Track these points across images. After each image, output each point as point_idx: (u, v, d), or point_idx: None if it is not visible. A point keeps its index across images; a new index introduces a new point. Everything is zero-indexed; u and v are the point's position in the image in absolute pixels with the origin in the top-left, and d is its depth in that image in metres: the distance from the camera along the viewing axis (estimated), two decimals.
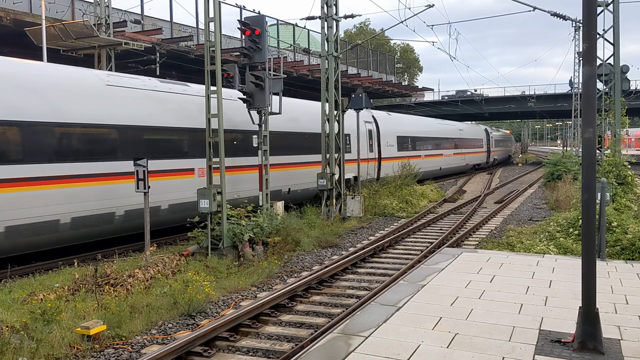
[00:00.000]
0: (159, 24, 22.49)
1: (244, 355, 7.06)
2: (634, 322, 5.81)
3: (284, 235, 13.48)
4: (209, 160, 12.57)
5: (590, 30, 5.27)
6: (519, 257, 9.35)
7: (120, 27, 19.34)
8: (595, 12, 5.45)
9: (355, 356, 4.98)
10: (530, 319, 5.93)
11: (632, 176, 16.59)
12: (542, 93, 52.05)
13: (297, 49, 29.59)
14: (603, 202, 9.53)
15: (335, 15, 18.23)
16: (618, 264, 8.73)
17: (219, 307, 9.13)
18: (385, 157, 26.51)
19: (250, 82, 13.88)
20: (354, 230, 16.56)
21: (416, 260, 11.74)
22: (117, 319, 7.82)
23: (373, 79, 35.88)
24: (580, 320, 5.10)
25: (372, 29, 69.28)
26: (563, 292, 6.85)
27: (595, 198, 5.34)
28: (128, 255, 12.08)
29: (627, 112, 19.07)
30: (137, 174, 10.96)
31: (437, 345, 5.20)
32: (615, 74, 17.22)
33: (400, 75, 68.38)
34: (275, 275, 11.29)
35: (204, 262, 11.45)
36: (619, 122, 17.18)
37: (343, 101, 18.98)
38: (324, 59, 18.34)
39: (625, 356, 4.92)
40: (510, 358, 4.89)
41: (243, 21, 13.93)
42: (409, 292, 6.99)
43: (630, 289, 7.08)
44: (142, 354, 7.13)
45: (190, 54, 21.53)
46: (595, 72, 5.49)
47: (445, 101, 53.84)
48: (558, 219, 13.83)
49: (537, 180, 34.16)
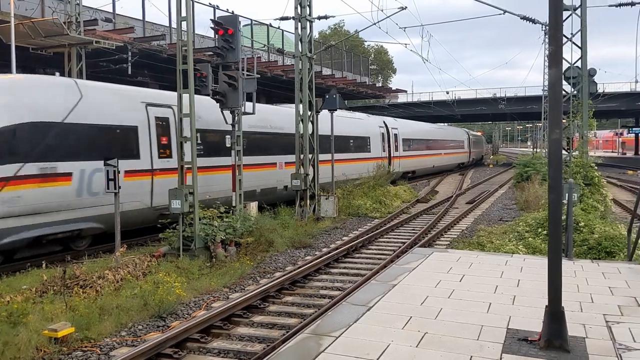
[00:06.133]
0: (131, 22, 22.20)
1: (215, 356, 7.02)
2: (598, 320, 5.93)
3: (257, 235, 13.44)
4: (181, 160, 12.49)
5: (557, 34, 5.36)
6: (489, 257, 9.47)
7: (91, 25, 19.06)
8: (561, 16, 5.56)
9: (326, 356, 4.99)
10: (499, 317, 6.01)
11: (599, 177, 16.94)
12: (512, 95, 52.84)
13: (271, 49, 29.52)
14: (570, 203, 9.71)
15: (309, 16, 18.25)
16: (585, 263, 8.90)
17: (190, 308, 9.07)
18: (394, 156, 31.80)
19: (223, 81, 13.81)
20: (328, 231, 16.60)
21: (388, 260, 11.83)
22: (86, 321, 7.72)
23: (347, 80, 36.00)
24: (546, 319, 5.19)
25: (346, 30, 69.52)
26: (531, 291, 6.96)
27: (561, 198, 5.43)
28: (98, 257, 11.91)
29: (594, 114, 19.45)
30: (107, 174, 10.82)
31: (407, 344, 5.24)
32: (583, 77, 17.56)
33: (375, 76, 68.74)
34: (248, 276, 11.25)
35: (176, 263, 11.35)
36: (587, 124, 17.53)
37: (317, 102, 19.01)
38: (298, 59, 18.34)
39: (590, 354, 5.01)
40: (478, 357, 4.95)
41: (216, 20, 13.86)
42: (380, 291, 7.02)
43: (595, 287, 7.23)
44: (111, 356, 7.04)
45: (163, 53, 21.32)
46: (562, 75, 5.59)
47: (418, 103, 54.35)
48: (527, 219, 14.07)
49: (508, 181, 34.66)
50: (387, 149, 31.03)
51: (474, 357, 4.93)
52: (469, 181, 37.68)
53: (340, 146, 23.83)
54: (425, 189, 30.93)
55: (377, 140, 29.41)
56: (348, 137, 25.71)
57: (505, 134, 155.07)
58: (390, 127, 32.11)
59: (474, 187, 32.21)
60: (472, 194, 27.72)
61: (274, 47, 29.45)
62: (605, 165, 44.30)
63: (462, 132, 54.76)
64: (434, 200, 24.88)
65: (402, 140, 33.69)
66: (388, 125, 32.00)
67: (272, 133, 19.25)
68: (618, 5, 19.59)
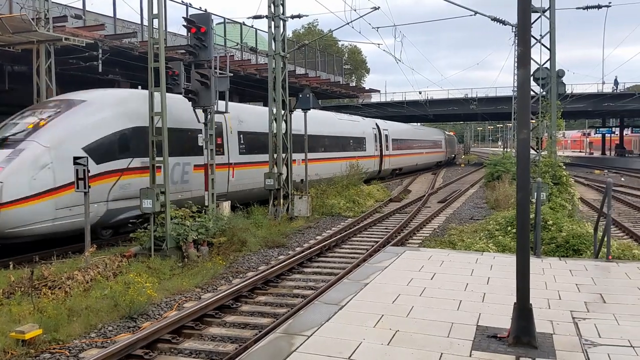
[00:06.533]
0: (101, 19, 21.84)
1: (187, 357, 6.97)
2: (565, 316, 6.05)
3: (229, 235, 13.36)
4: (152, 159, 12.38)
5: (525, 35, 5.46)
6: (459, 255, 9.60)
7: (60, 22, 18.68)
8: (529, 18, 5.66)
9: (298, 355, 5.00)
10: (469, 315, 6.09)
11: (567, 176, 17.26)
12: (484, 96, 53.43)
13: (245, 48, 29.38)
14: (539, 201, 9.89)
15: (283, 15, 18.22)
16: (553, 261, 9.08)
17: (161, 308, 8.99)
18: (385, 155, 35.54)
19: (195, 80, 13.70)
20: (302, 230, 16.60)
21: (361, 259, 11.88)
22: (55, 323, 7.59)
23: (321, 79, 35.98)
24: (515, 316, 5.28)
25: (320, 30, 69.59)
26: (500, 289, 7.07)
27: (529, 197, 5.53)
28: (67, 257, 11.72)
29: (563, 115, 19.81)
30: (76, 173, 10.66)
31: (378, 342, 5.28)
32: (552, 78, 17.87)
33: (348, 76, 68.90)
34: (220, 276, 11.19)
35: (147, 263, 11.23)
36: (555, 125, 17.85)
37: (291, 101, 18.99)
38: (271, 58, 18.30)
39: (556, 350, 5.12)
40: (448, 353, 5.02)
41: (188, 18, 13.75)
42: (352, 290, 7.06)
43: (563, 284, 7.38)
44: (81, 358, 6.95)
45: (135, 51, 21.01)
46: (530, 76, 5.70)
47: (392, 102, 54.61)
48: (497, 218, 14.26)
49: (479, 181, 35.09)
50: (379, 148, 34.52)
51: (444, 354, 5.00)
52: (441, 180, 38.05)
53: (341, 145, 28.57)
54: (398, 188, 31.15)
55: (371, 140, 33.15)
56: (348, 137, 29.91)
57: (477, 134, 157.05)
58: (381, 129, 35.59)
59: (445, 186, 32.55)
60: (444, 193, 28.01)
61: (247, 46, 29.31)
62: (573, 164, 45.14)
63: (439, 132, 59.22)
64: (406, 200, 25.07)
65: (391, 140, 37.19)
66: (380, 126, 35.56)
67: (330, 136, 26.57)
68: (585, 8, 19.97)
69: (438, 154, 53.64)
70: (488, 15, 20.55)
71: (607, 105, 48.31)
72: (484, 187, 30.09)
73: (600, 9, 19.73)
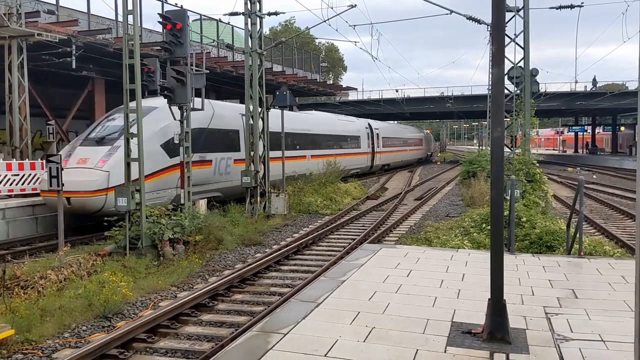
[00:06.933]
0: (75, 15, 21.49)
1: (162, 356, 6.91)
2: (538, 312, 6.15)
3: (206, 233, 13.28)
4: (127, 157, 12.25)
5: (499, 34, 5.52)
6: (435, 252, 9.68)
7: (33, 17, 18.34)
8: (503, 17, 5.72)
9: (274, 353, 5.00)
10: (444, 311, 6.15)
11: (541, 174, 17.52)
12: (459, 94, 53.93)
13: (221, 45, 29.19)
14: (512, 199, 10.02)
15: (260, 12, 18.15)
16: (526, 257, 9.21)
17: (137, 308, 8.90)
18: (376, 152, 39.43)
19: (171, 77, 13.58)
20: (279, 228, 16.57)
21: (338, 256, 11.90)
22: (27, 323, 7.46)
23: (298, 76, 35.93)
24: (489, 311, 5.35)
25: (297, 27, 69.40)
26: (475, 285, 7.15)
27: (503, 194, 5.60)
28: (40, 256, 11.54)
29: (536, 113, 20.12)
30: (49, 171, 10.49)
31: (355, 339, 5.30)
32: (526, 77, 18.11)
33: (325, 74, 68.87)
34: (197, 275, 11.12)
35: (122, 262, 11.11)
36: (529, 123, 18.10)
37: (268, 98, 18.94)
38: (247, 55, 18.22)
39: (530, 345, 5.20)
40: (424, 350, 5.06)
41: (164, 15, 13.61)
42: (329, 288, 7.08)
43: (536, 280, 7.49)
44: (54, 358, 6.85)
45: (109, 47, 20.73)
46: (504, 74, 5.77)
47: (369, 100, 54.78)
48: (472, 215, 14.40)
49: (454, 178, 35.39)
50: (372, 146, 38.34)
51: (419, 351, 5.04)
52: (417, 178, 38.29)
53: (341, 143, 32.73)
54: (375, 186, 31.27)
55: (365, 138, 37.01)
56: (347, 136, 33.96)
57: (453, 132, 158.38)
58: (373, 128, 39.49)
59: (422, 184, 32.76)
60: (420, 191, 28.20)
61: (224, 43, 29.12)
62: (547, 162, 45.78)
63: (420, 131, 63.26)
64: (383, 197, 25.19)
65: (382, 138, 40.94)
66: (372, 126, 39.61)
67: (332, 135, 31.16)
68: (559, 7, 20.26)
69: (419, 151, 57.25)
70: (464, 14, 20.75)
71: (580, 104, 49.12)
72: (459, 184, 30.34)
73: (573, 9, 20.05)
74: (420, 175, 40.98)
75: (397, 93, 51.21)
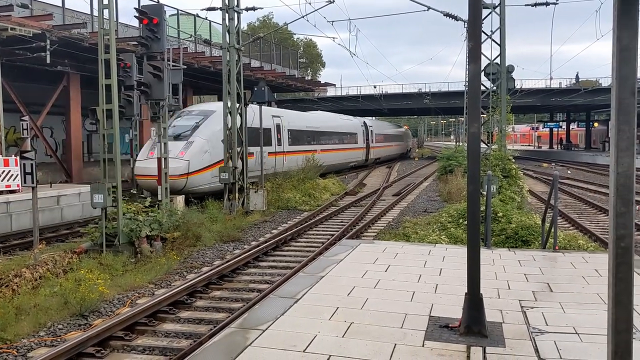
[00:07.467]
0: (49, 9, 21.14)
1: (140, 354, 6.87)
2: (514, 306, 6.23)
3: (184, 230, 13.21)
4: (103, 153, 12.11)
5: (476, 31, 5.56)
6: (413, 247, 9.75)
7: (5, 11, 17.98)
8: (480, 14, 5.78)
9: (252, 349, 4.99)
10: (422, 306, 6.20)
11: (517, 170, 17.74)
12: (437, 90, 54.21)
13: (198, 40, 28.97)
14: (489, 194, 10.12)
15: (237, 7, 18.05)
16: (502, 251, 9.32)
17: (114, 305, 8.82)
18: (371, 147, 43.84)
19: (148, 72, 13.44)
20: (257, 224, 16.54)
21: (317, 252, 11.93)
22: (2, 322, 7.36)
23: (276, 72, 35.82)
24: (465, 306, 5.40)
25: (275, 23, 69.18)
26: (452, 280, 7.22)
27: (479, 189, 5.66)
28: (15, 254, 11.36)
29: (512, 109, 20.34)
30: (23, 167, 10.33)
31: (333, 335, 5.32)
32: (502, 73, 18.31)
33: (304, 70, 68.76)
34: (175, 272, 11.05)
35: (99, 259, 11.00)
36: (505, 119, 18.31)
37: (246, 94, 18.87)
38: (225, 50, 18.12)
39: (506, 338, 5.27)
40: (402, 344, 5.10)
41: (140, 9, 13.47)
42: (307, 284, 7.09)
43: (512, 275, 7.59)
44: (29, 357, 6.76)
45: (84, 42, 20.43)
46: (480, 71, 5.82)
47: (347, 96, 54.86)
48: (449, 210, 14.52)
49: (432, 174, 35.65)
50: (366, 141, 42.45)
51: (397, 345, 5.08)
52: (395, 174, 38.51)
53: (342, 139, 37.05)
54: (353, 182, 31.36)
55: (361, 134, 41.25)
56: (346, 133, 38.04)
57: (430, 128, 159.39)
58: (368, 125, 43.66)
59: (400, 180, 32.95)
60: (398, 187, 28.36)
61: (201, 38, 28.91)
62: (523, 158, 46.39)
63: (402, 128, 68.75)
64: (362, 193, 25.27)
65: (375, 134, 45.18)
66: (367, 123, 43.93)
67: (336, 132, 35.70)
68: (534, 5, 20.50)
69: (402, 146, 62.74)
70: (440, 11, 20.87)
71: (555, 100, 49.79)
72: (437, 180, 30.58)
73: (549, 6, 20.30)
74: (399, 171, 41.22)
75: (375, 89, 51.31)
